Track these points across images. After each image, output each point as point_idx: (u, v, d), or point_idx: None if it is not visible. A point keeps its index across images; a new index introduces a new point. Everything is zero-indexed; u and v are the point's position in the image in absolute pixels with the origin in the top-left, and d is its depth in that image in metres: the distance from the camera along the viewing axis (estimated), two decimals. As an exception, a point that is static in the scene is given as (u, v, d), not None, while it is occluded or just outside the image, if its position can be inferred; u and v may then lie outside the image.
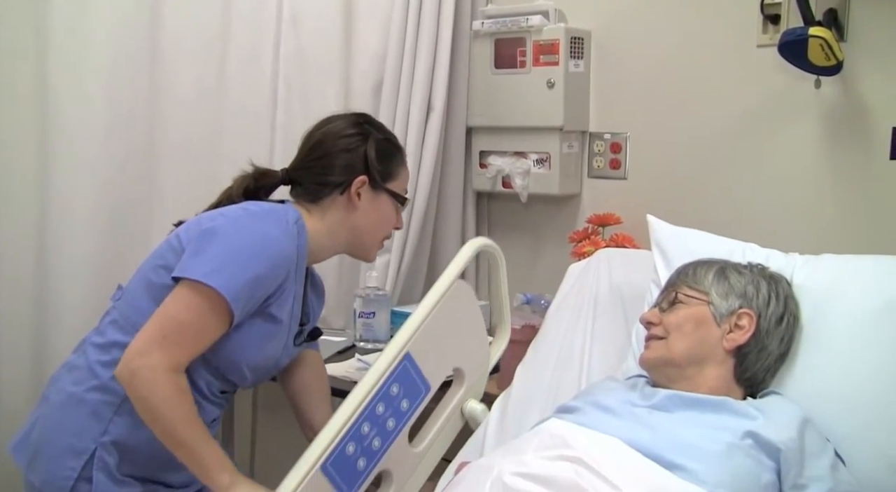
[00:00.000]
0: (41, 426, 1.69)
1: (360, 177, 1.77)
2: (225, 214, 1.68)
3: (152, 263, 1.69)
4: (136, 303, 1.67)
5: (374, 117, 1.91)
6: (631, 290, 2.08)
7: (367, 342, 2.47)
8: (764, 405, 1.58)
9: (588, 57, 2.58)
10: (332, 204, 1.78)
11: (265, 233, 1.64)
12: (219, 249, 1.58)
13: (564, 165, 2.59)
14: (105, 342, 1.67)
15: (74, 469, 1.62)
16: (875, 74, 2.10)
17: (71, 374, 1.70)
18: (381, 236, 1.87)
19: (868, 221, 2.14)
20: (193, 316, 1.56)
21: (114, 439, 1.63)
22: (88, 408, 1.64)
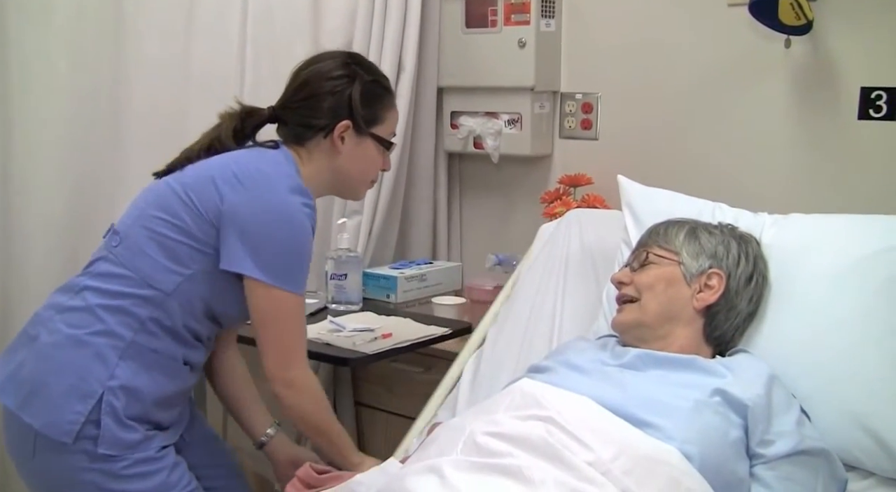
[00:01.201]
0: (34, 367, 1.66)
1: (344, 122, 1.76)
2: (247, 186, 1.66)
3: (157, 216, 1.68)
4: (145, 257, 1.67)
5: (364, 58, 1.89)
6: (602, 250, 2.09)
7: (340, 304, 2.47)
8: (732, 363, 1.59)
9: (559, 16, 2.56)
10: (316, 147, 1.78)
11: (298, 215, 1.68)
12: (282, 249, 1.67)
13: (536, 126, 2.58)
14: (110, 290, 1.66)
15: (81, 413, 1.61)
16: (845, 34, 2.11)
17: (65, 315, 1.67)
18: (367, 179, 1.88)
19: (836, 181, 2.16)
20: (300, 320, 1.74)
21: (121, 383, 1.63)
22: (92, 350, 1.63)
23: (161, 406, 1.71)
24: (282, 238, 1.67)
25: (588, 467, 1.30)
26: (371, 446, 2.62)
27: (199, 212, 1.66)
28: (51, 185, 2.27)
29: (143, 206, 1.71)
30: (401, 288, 2.56)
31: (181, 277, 1.66)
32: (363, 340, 2.16)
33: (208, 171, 1.70)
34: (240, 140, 1.79)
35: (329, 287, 2.49)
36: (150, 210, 1.69)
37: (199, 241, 1.67)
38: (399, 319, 2.36)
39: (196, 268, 1.67)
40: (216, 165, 1.71)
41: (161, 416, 1.72)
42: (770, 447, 1.47)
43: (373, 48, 2.54)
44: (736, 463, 1.45)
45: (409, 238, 2.82)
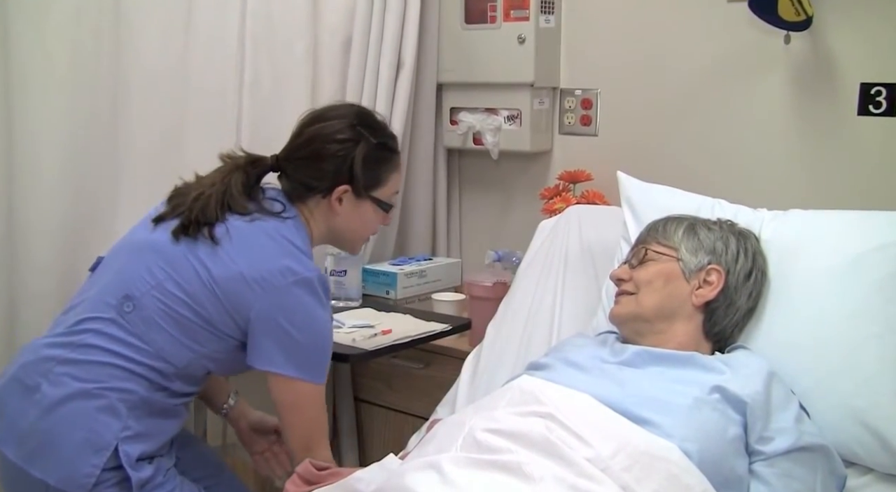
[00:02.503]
0: (39, 420, 1.64)
1: (343, 186, 1.79)
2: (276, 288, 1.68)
3: (179, 296, 1.68)
4: (161, 331, 1.68)
5: (375, 115, 1.89)
6: (601, 246, 2.09)
7: (339, 300, 2.47)
8: (731, 360, 1.59)
9: (559, 12, 2.56)
10: (316, 205, 1.82)
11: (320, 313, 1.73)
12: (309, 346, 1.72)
13: (535, 122, 2.58)
14: (122, 354, 1.67)
15: (97, 466, 1.62)
16: (844, 30, 2.10)
17: (69, 368, 1.66)
18: (363, 237, 1.93)
19: (836, 177, 2.16)
20: (322, 408, 1.79)
21: (134, 433, 1.66)
22: (103, 402, 1.64)
23: (167, 444, 1.76)
24: (310, 336, 1.71)
25: (587, 464, 1.30)
26: (370, 441, 2.63)
27: (227, 310, 1.68)
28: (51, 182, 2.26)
29: (160, 276, 1.69)
30: (400, 284, 2.56)
31: (194, 354, 1.70)
32: (363, 336, 2.16)
33: (236, 266, 1.69)
34: (247, 192, 1.79)
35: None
36: (170, 286, 1.69)
37: (220, 331, 1.70)
38: (399, 316, 2.37)
39: (211, 348, 1.71)
40: (243, 258, 1.69)
41: (164, 449, 1.76)
42: (769, 444, 1.48)
43: (372, 44, 2.54)
44: (735, 460, 1.45)
45: (409, 234, 2.81)
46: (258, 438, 2.06)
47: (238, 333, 1.71)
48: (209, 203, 1.73)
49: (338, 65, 2.59)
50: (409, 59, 2.58)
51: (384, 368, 2.51)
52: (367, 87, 2.56)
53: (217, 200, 1.74)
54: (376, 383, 2.58)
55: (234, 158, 1.83)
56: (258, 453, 2.06)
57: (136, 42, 2.34)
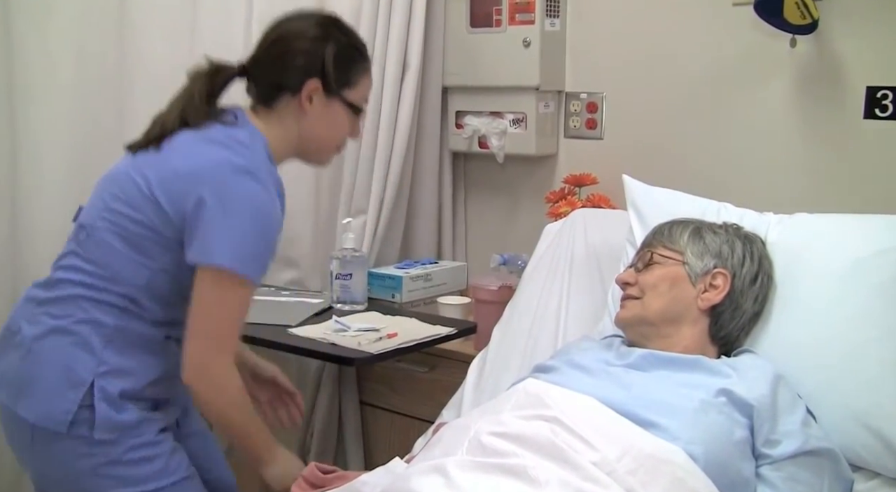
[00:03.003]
0: (21, 360, 1.66)
1: (313, 81, 1.72)
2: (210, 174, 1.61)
3: (120, 211, 1.65)
4: (113, 251, 1.64)
5: (343, 21, 1.83)
6: (607, 250, 2.09)
7: (345, 304, 2.47)
8: (737, 363, 1.59)
9: (564, 15, 2.56)
10: (284, 107, 1.74)
11: (263, 200, 1.63)
12: (237, 231, 1.60)
13: (541, 125, 2.58)
14: (85, 282, 1.65)
15: (73, 402, 1.61)
16: (850, 33, 2.10)
17: (46, 307, 1.67)
18: (333, 144, 1.83)
19: (842, 181, 2.16)
20: (241, 309, 1.66)
21: (110, 367, 1.64)
22: (77, 338, 1.64)
23: (154, 384, 1.70)
24: (247, 227, 1.61)
25: (593, 467, 1.30)
26: (376, 445, 2.63)
27: (168, 213, 1.62)
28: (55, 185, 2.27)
29: (108, 198, 1.68)
30: (406, 288, 2.56)
31: (150, 271, 1.65)
32: (368, 339, 2.16)
33: (170, 164, 1.64)
34: (211, 102, 1.73)
35: (334, 287, 2.49)
36: (116, 205, 1.66)
37: (167, 239, 1.64)
38: (404, 319, 2.36)
39: (164, 260, 1.65)
40: (179, 157, 1.65)
41: (156, 391, 1.72)
42: (776, 447, 1.47)
43: (377, 47, 2.54)
44: (741, 463, 1.45)
45: (414, 238, 2.81)
46: (261, 386, 2.00)
47: (182, 234, 1.63)
48: (168, 118, 1.70)
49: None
50: (414, 62, 2.59)
51: (389, 371, 2.51)
52: (373, 91, 2.55)
53: (176, 114, 1.70)
54: (381, 386, 2.58)
55: (199, 68, 1.76)
56: (265, 402, 2.01)
57: (141, 46, 2.35)
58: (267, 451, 1.75)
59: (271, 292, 2.61)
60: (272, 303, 2.50)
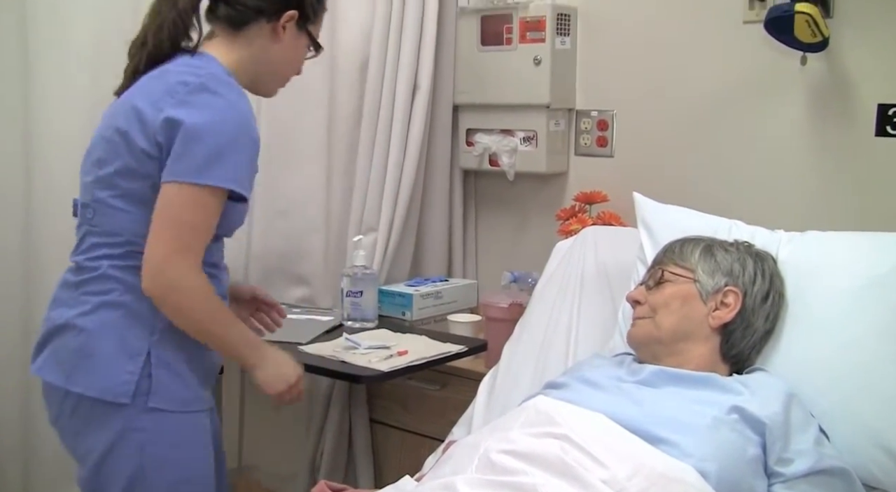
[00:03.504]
0: (71, 341, 1.67)
1: (292, 11, 1.75)
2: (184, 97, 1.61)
3: (108, 173, 1.65)
4: (121, 213, 1.65)
5: None
6: (617, 267, 2.08)
7: (356, 321, 2.47)
8: (749, 381, 1.59)
9: (574, 34, 2.57)
10: (256, 33, 1.75)
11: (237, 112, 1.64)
12: (210, 143, 1.59)
13: (551, 143, 2.58)
14: (112, 254, 1.66)
15: (133, 372, 1.63)
16: (861, 51, 2.10)
17: (83, 288, 1.68)
18: (287, 74, 1.86)
19: (853, 198, 2.15)
20: (206, 216, 1.62)
21: (162, 334, 1.65)
22: (125, 310, 1.65)
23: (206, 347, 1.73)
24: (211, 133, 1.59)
25: (603, 486, 1.30)
26: (386, 463, 2.62)
27: (147, 153, 1.62)
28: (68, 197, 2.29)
29: (95, 169, 1.69)
30: (416, 305, 2.56)
31: None
32: (378, 357, 2.16)
33: (130, 104, 1.65)
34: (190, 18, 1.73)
35: (345, 304, 2.49)
36: (102, 170, 1.67)
37: (150, 178, 1.62)
38: (414, 337, 2.36)
39: None
40: (137, 96, 1.65)
41: (210, 356, 1.75)
42: (789, 466, 1.47)
43: (388, 66, 2.55)
44: (753, 481, 1.44)
45: (425, 255, 2.82)
46: (242, 305, 2.00)
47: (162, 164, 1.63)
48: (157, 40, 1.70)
49: (354, 86, 2.60)
50: (425, 80, 2.59)
51: (400, 389, 2.50)
52: (383, 109, 2.57)
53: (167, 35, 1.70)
54: (392, 404, 2.58)
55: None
56: (247, 319, 2.00)
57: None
58: (253, 353, 1.74)
59: (282, 310, 2.62)
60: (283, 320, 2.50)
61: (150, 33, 1.71)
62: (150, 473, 1.66)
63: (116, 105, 1.71)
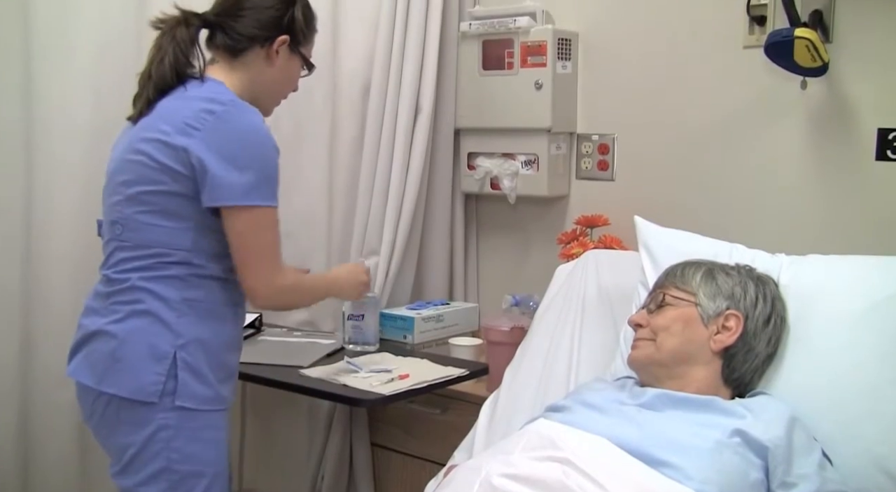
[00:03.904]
0: (104, 346, 1.79)
1: (284, 36, 1.88)
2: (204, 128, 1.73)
3: (137, 191, 1.77)
4: (151, 228, 1.77)
5: None
6: (619, 291, 2.08)
7: (357, 345, 2.46)
8: (752, 404, 1.58)
9: (575, 58, 2.58)
10: (252, 58, 1.88)
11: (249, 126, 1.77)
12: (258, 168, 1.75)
13: (552, 167, 2.59)
14: (141, 266, 1.78)
15: (161, 374, 1.75)
16: (861, 75, 2.11)
17: (113, 298, 1.79)
18: (283, 93, 1.99)
19: (854, 222, 2.15)
20: (274, 232, 1.81)
21: (187, 339, 1.77)
22: (151, 317, 1.77)
23: (229, 349, 1.87)
24: (255, 158, 1.75)
25: (605, 510, 1.29)
26: (387, 487, 2.61)
27: (175, 170, 1.73)
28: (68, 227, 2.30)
29: (122, 189, 1.80)
30: (418, 329, 2.55)
31: (191, 231, 1.77)
32: (380, 381, 2.16)
33: (160, 128, 1.76)
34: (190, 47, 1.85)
35: (346, 328, 2.49)
36: (130, 189, 1.78)
37: (187, 195, 1.75)
38: (416, 360, 2.36)
39: (197, 215, 1.77)
40: (162, 122, 1.76)
41: (230, 358, 1.88)
42: (791, 490, 1.47)
43: (391, 90, 2.57)
44: (756, 505, 1.43)
45: (426, 279, 2.82)
46: None
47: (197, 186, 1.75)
48: (160, 73, 1.81)
49: (357, 110, 2.62)
50: (427, 104, 2.61)
51: (401, 413, 2.50)
52: (385, 132, 2.58)
53: (170, 65, 1.81)
54: (393, 428, 2.57)
55: (168, 17, 1.87)
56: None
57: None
58: (333, 289, 2.13)
59: (283, 333, 2.62)
60: (284, 344, 2.50)
61: (154, 65, 1.82)
62: (176, 465, 1.77)
63: (137, 130, 1.81)
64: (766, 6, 2.21)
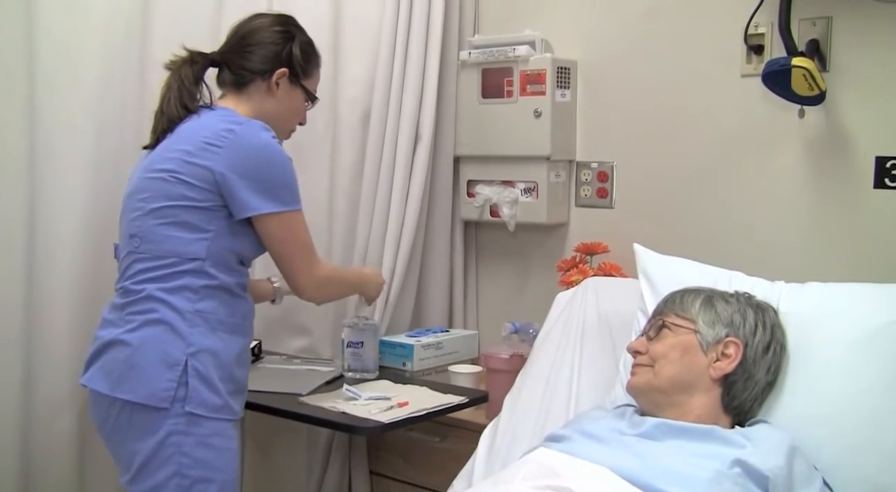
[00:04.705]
0: (119, 354, 1.85)
1: (283, 68, 2.01)
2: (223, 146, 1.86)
3: (161, 205, 1.87)
4: (169, 239, 1.87)
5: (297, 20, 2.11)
6: (618, 318, 2.08)
7: (356, 372, 2.46)
8: (752, 433, 1.58)
9: (574, 87, 2.60)
10: (255, 90, 2.01)
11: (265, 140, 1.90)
12: (277, 179, 1.90)
13: (552, 194, 2.60)
14: (157, 276, 1.87)
15: (172, 381, 1.82)
16: (858, 104, 2.12)
17: (129, 309, 1.87)
18: (289, 125, 2.10)
19: (853, 250, 2.16)
20: (304, 231, 1.97)
21: (198, 348, 1.85)
22: (165, 327, 1.84)
23: (239, 363, 1.93)
24: (272, 170, 1.89)
25: (606, 539, 1.29)
26: (386, 516, 2.60)
27: (198, 186, 1.85)
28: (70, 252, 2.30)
29: (141, 205, 1.91)
30: (417, 356, 2.55)
31: (207, 241, 1.87)
32: (379, 408, 2.15)
33: (180, 148, 1.89)
34: (198, 84, 2.00)
35: (345, 355, 2.48)
36: (150, 205, 1.89)
37: (207, 208, 1.87)
38: (415, 388, 2.35)
39: (214, 227, 1.87)
40: (184, 141, 1.89)
41: (240, 373, 1.94)
42: (792, 520, 1.45)
43: (390, 117, 2.58)
44: (757, 536, 1.42)
45: (426, 306, 2.82)
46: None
47: (221, 200, 1.87)
48: (169, 108, 1.95)
49: (357, 137, 2.63)
50: (426, 132, 2.62)
51: (400, 441, 2.49)
52: (385, 160, 2.59)
53: (175, 101, 1.95)
54: (392, 456, 2.56)
55: (178, 57, 2.01)
56: None
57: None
58: (359, 283, 2.31)
59: (282, 360, 2.61)
60: (283, 371, 2.50)
61: (164, 102, 1.97)
62: (186, 470, 1.83)
63: (155, 154, 1.94)
64: (764, 35, 2.23)
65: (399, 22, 2.57)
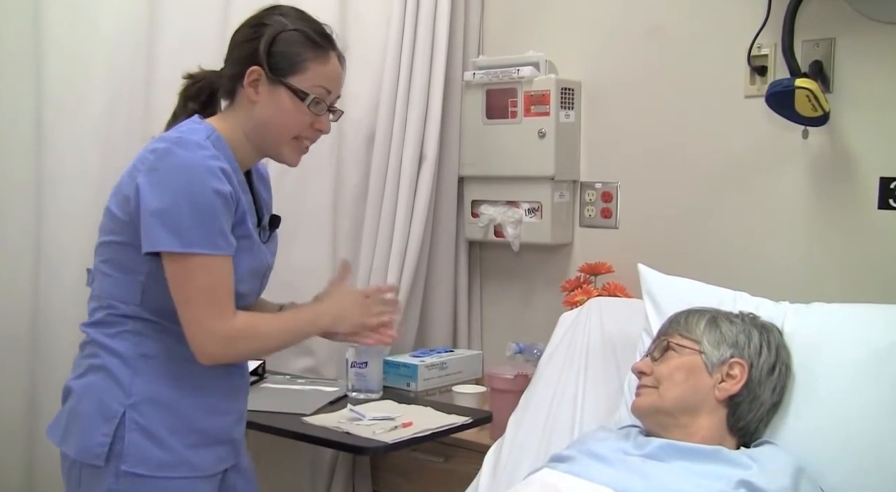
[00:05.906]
0: (68, 403, 1.70)
1: (252, 68, 1.68)
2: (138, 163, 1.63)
3: (100, 242, 1.70)
4: (106, 279, 1.68)
5: (301, 10, 1.77)
6: (623, 339, 2.08)
7: (360, 393, 2.45)
8: (758, 454, 1.57)
9: (578, 107, 2.61)
10: (240, 100, 1.72)
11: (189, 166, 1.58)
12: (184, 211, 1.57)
13: (556, 214, 2.60)
14: (99, 320, 1.68)
15: (108, 434, 1.61)
16: (862, 125, 2.13)
17: (81, 352, 1.72)
18: (288, 135, 1.74)
19: (857, 270, 2.15)
20: (212, 277, 1.60)
21: (141, 398, 1.63)
22: (105, 373, 1.65)
23: (207, 413, 1.69)
24: (185, 197, 1.56)
25: (611, 561, 1.28)
26: (390, 537, 2.59)
27: (121, 219, 1.63)
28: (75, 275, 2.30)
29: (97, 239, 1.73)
30: (421, 376, 2.55)
31: (139, 284, 1.64)
32: (383, 428, 2.15)
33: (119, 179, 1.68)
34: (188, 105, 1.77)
35: (349, 375, 2.48)
36: (98, 240, 1.71)
37: (130, 245, 1.63)
38: (419, 408, 2.35)
39: (145, 268, 1.63)
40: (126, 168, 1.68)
41: (208, 422, 1.70)
42: (798, 542, 1.45)
43: (395, 138, 2.59)
44: (762, 558, 1.42)
45: (430, 326, 2.82)
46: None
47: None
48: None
49: (361, 158, 2.64)
50: (431, 153, 2.63)
51: (404, 461, 2.48)
52: (389, 180, 2.60)
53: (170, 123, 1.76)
54: (396, 477, 2.55)
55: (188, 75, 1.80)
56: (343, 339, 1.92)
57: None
58: (314, 326, 1.78)
59: (286, 380, 2.61)
60: (287, 391, 2.49)
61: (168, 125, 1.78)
62: None
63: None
64: (767, 56, 2.24)
65: (404, 43, 2.59)
